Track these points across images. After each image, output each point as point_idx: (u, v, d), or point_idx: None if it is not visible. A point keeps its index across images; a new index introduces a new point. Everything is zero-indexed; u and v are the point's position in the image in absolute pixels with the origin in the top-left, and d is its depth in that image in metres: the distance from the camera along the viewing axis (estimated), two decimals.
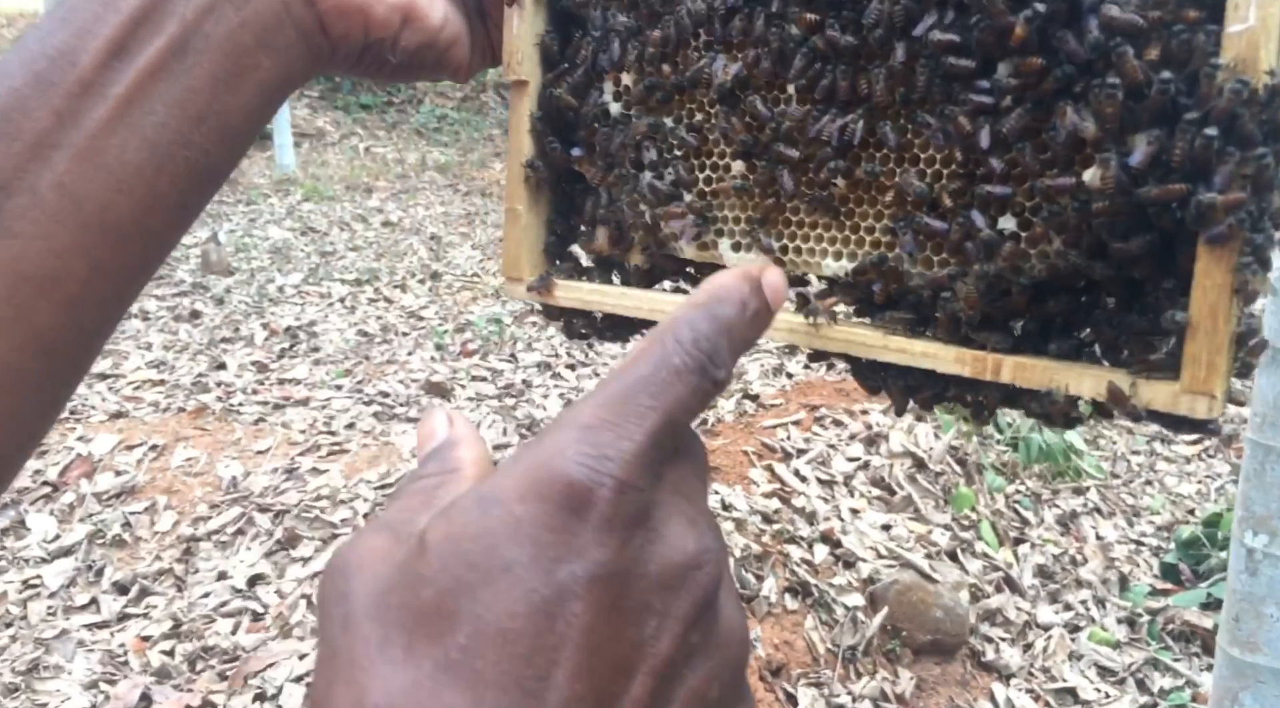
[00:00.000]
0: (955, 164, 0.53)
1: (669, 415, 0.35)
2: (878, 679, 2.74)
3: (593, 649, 0.31)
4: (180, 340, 4.97)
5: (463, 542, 0.32)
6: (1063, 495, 3.96)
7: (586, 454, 0.33)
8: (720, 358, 0.37)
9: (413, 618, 0.32)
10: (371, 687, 0.31)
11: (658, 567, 0.33)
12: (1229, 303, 0.44)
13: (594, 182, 0.65)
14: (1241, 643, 1.68)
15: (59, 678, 2.50)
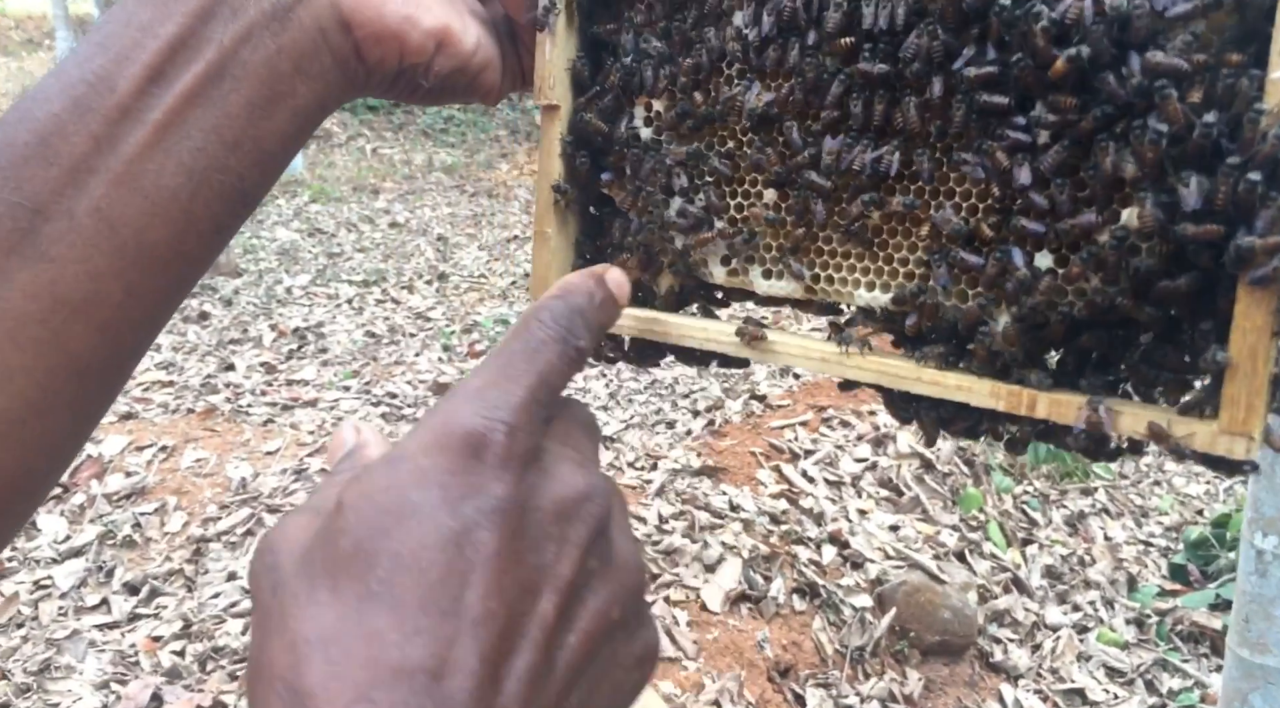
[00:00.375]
0: (992, 199, 0.53)
1: (543, 376, 0.41)
2: (886, 680, 2.75)
3: (500, 571, 0.35)
4: (189, 342, 4.99)
5: (375, 495, 0.36)
6: (1071, 496, 3.95)
7: (478, 408, 0.38)
8: (577, 331, 0.44)
9: (335, 565, 0.35)
10: (303, 626, 0.34)
11: (552, 500, 0.38)
12: (1269, 345, 0.44)
13: (623, 205, 0.65)
14: (1251, 644, 1.68)
15: (70, 678, 2.52)
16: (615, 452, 3.66)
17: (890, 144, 0.55)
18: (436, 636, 0.34)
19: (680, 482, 3.23)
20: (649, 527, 2.95)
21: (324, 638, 0.34)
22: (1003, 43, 0.50)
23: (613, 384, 4.66)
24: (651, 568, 2.79)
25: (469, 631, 0.34)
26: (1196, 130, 0.45)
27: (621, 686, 0.40)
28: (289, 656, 0.34)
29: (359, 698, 0.33)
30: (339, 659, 0.33)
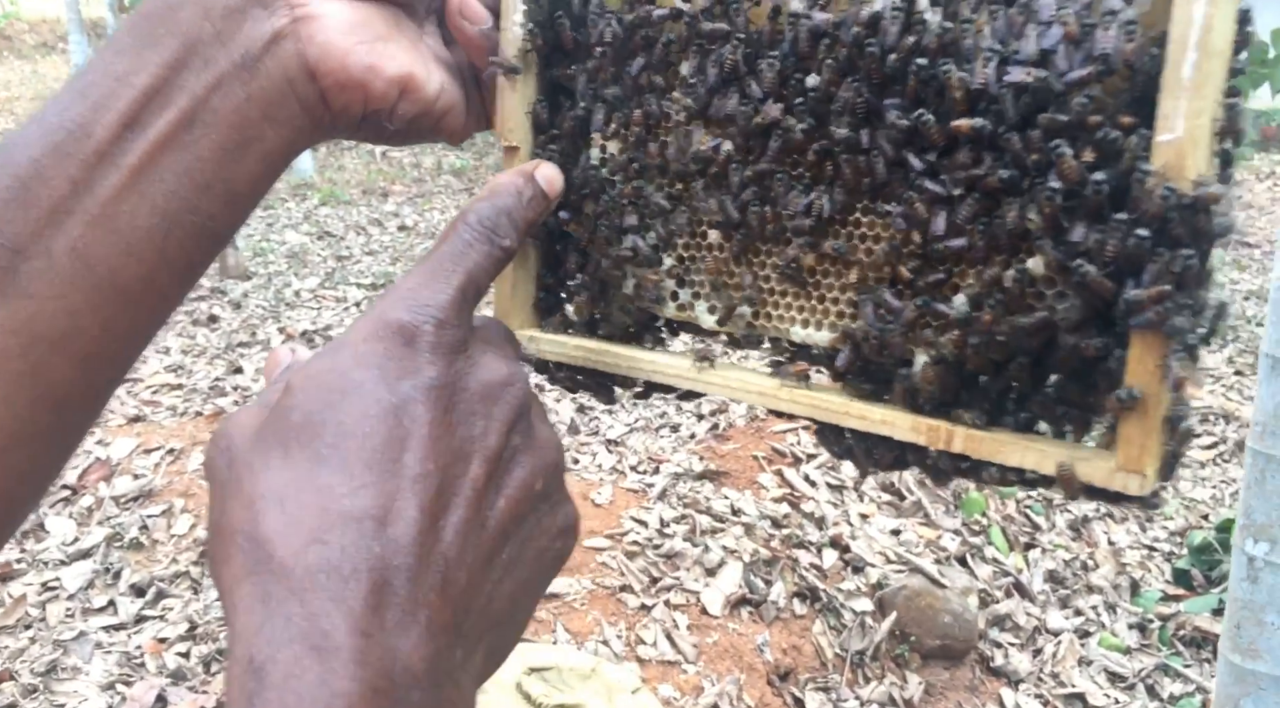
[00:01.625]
0: (914, 245, 0.55)
1: (469, 274, 0.45)
2: (886, 684, 2.76)
3: (435, 438, 0.40)
4: (198, 345, 5.02)
5: (319, 375, 0.41)
6: (1074, 501, 3.95)
7: (410, 305, 0.42)
8: (503, 230, 0.48)
9: (286, 435, 0.40)
10: (258, 487, 0.38)
11: (478, 383, 0.43)
12: (1159, 388, 0.47)
13: (582, 242, 0.67)
14: (1243, 650, 1.68)
15: (76, 679, 2.55)
16: (619, 455, 3.67)
17: (819, 189, 0.57)
18: (381, 489, 0.38)
19: (682, 486, 3.24)
20: (650, 530, 2.97)
21: (279, 494, 0.38)
22: (919, 101, 0.53)
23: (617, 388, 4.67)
24: (652, 571, 2.81)
25: (409, 487, 0.38)
26: (1088, 187, 0.48)
27: (545, 551, 0.45)
28: (247, 511, 0.38)
29: (313, 540, 0.37)
30: (293, 510, 0.37)
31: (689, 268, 0.64)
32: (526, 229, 0.51)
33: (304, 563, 0.36)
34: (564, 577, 2.73)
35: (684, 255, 0.65)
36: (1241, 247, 8.62)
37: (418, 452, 0.39)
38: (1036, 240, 0.50)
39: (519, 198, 0.50)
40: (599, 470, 3.52)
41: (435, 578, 0.38)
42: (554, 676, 2.11)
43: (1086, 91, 0.49)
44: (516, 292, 0.68)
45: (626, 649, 2.54)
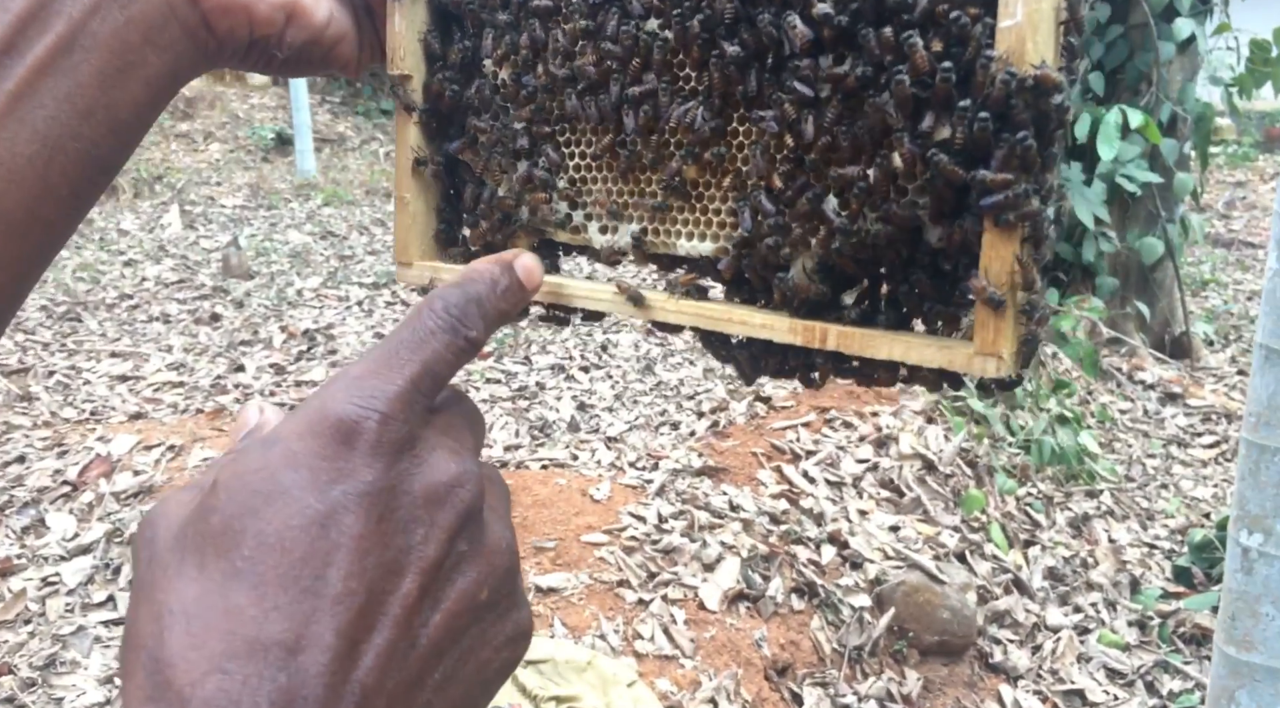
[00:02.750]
0: (787, 149, 0.56)
1: (426, 365, 0.42)
2: (884, 680, 2.75)
3: (364, 553, 0.37)
4: (200, 343, 5.04)
5: (245, 475, 0.37)
6: (1075, 498, 3.94)
7: (354, 397, 0.39)
8: (470, 321, 0.44)
9: (204, 541, 0.37)
10: (169, 599, 0.36)
11: (423, 485, 0.39)
12: (1012, 271, 0.49)
13: (476, 170, 0.68)
14: (1238, 642, 1.68)
15: (75, 673, 2.55)
16: (618, 451, 3.67)
17: (696, 100, 0.59)
18: (295, 612, 0.35)
19: (681, 482, 3.24)
20: (648, 526, 2.97)
21: (186, 611, 0.35)
22: (787, 4, 0.55)
23: (619, 386, 4.68)
24: (650, 566, 2.81)
25: (328, 608, 0.36)
26: (938, 75, 0.49)
27: (489, 663, 0.41)
28: (154, 625, 0.35)
29: (214, 669, 0.34)
30: (199, 632, 0.35)
31: (580, 191, 0.65)
32: (498, 320, 0.48)
33: (201, 694, 0.34)
34: (562, 572, 2.73)
35: (575, 178, 0.65)
36: (1245, 247, 8.59)
37: (342, 568, 0.36)
38: (895, 134, 0.51)
39: (493, 288, 0.47)
40: (598, 467, 3.52)
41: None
42: (549, 668, 2.12)
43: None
44: (415, 224, 0.69)
45: (624, 644, 2.54)
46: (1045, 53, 0.48)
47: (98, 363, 4.70)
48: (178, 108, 10.16)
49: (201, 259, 6.57)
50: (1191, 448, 4.72)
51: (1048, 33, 0.48)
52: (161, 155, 9.10)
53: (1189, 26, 5.42)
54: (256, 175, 9.01)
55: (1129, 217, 5.77)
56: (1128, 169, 5.43)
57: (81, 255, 6.53)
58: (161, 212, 7.82)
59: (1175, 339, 5.88)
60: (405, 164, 0.69)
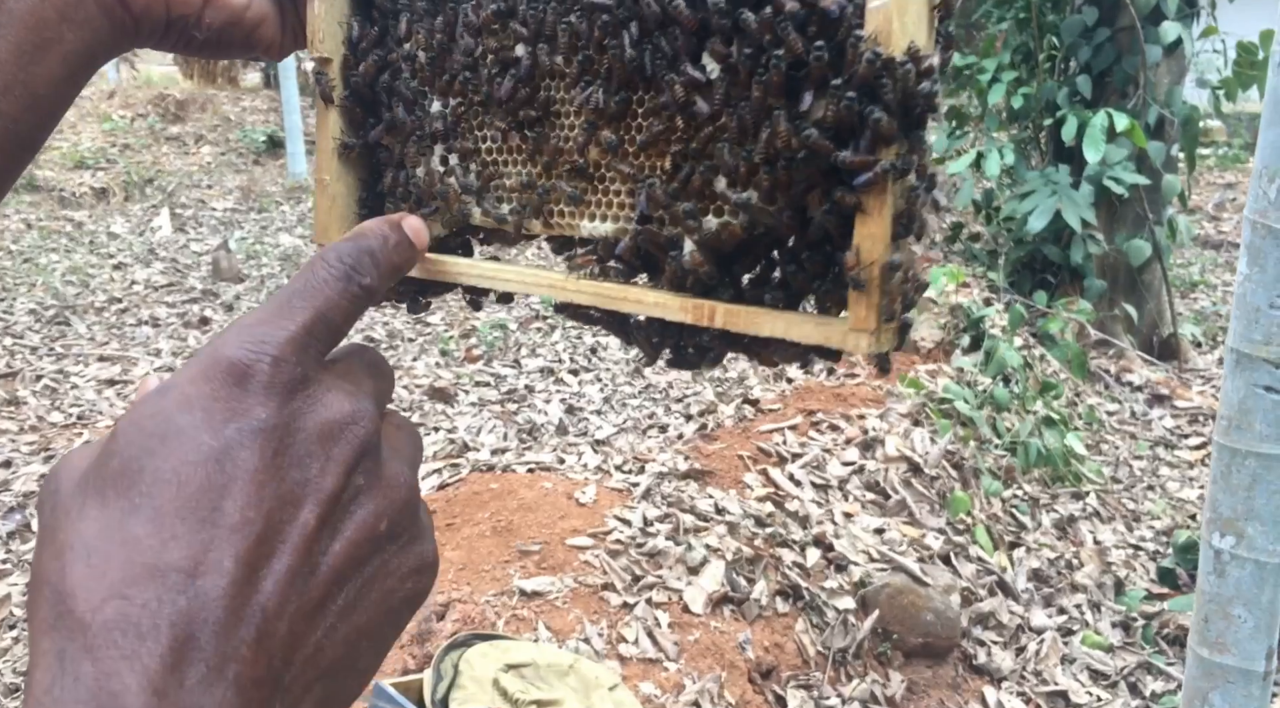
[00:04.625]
0: (680, 132, 0.57)
1: (319, 312, 0.42)
2: (868, 682, 2.76)
3: (260, 485, 0.37)
4: (189, 347, 5.03)
5: (142, 420, 0.38)
6: (1061, 500, 3.96)
7: (246, 342, 0.40)
8: (364, 269, 0.45)
9: (104, 482, 0.37)
10: (70, 537, 0.37)
11: (317, 422, 0.40)
12: (882, 249, 0.49)
13: (395, 154, 0.69)
14: (1211, 644, 1.69)
15: None
16: (604, 455, 3.68)
17: (597, 84, 0.60)
18: (192, 540, 0.36)
19: (667, 485, 3.25)
20: (634, 529, 2.98)
21: (87, 546, 0.36)
22: None
23: (607, 389, 4.69)
24: (635, 570, 2.82)
25: (225, 536, 0.36)
26: (811, 55, 0.50)
27: (393, 592, 0.42)
28: (56, 562, 0.36)
29: (113, 595, 0.35)
30: (98, 563, 0.35)
31: (491, 174, 0.66)
32: (390, 273, 0.48)
33: (101, 619, 0.34)
34: (547, 576, 2.73)
35: (486, 161, 0.66)
36: (1234, 249, 8.62)
37: (238, 499, 0.37)
38: (774, 112, 0.52)
39: (384, 241, 0.48)
40: (585, 470, 3.52)
41: (249, 631, 0.36)
42: (531, 672, 2.12)
43: None
44: (335, 206, 0.70)
45: (608, 647, 2.55)
46: (916, 35, 0.49)
47: (86, 367, 4.70)
48: (169, 111, 10.15)
49: (192, 262, 6.57)
50: (1178, 450, 4.74)
51: (918, 15, 0.49)
52: (152, 158, 9.09)
53: (1176, 30, 5.45)
54: (248, 178, 9.01)
55: (1117, 219, 5.79)
56: (1115, 171, 5.45)
57: (71, 259, 6.53)
58: (152, 215, 7.81)
59: (1163, 341, 5.91)
60: (326, 146, 0.70)
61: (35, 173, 7.98)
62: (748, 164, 0.54)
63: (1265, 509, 1.62)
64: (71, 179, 8.16)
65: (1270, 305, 1.59)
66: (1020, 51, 6.08)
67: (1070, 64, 5.87)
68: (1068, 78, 5.83)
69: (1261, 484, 1.62)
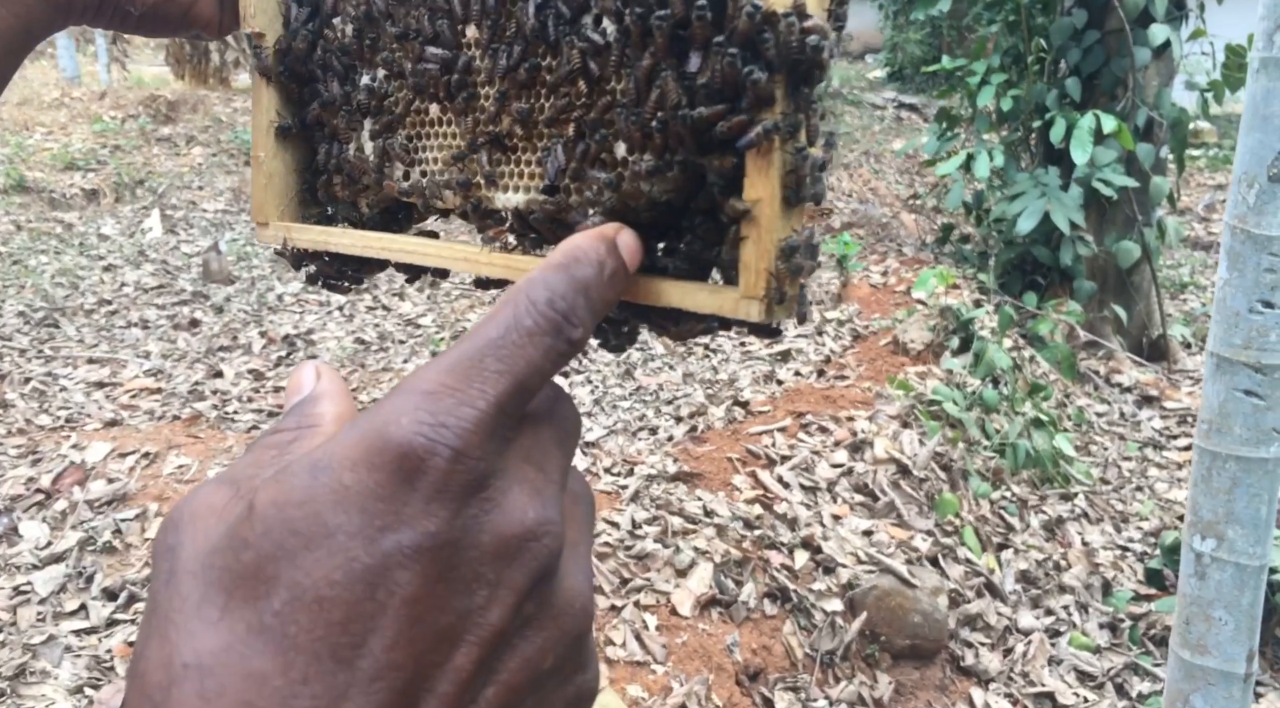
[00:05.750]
0: (582, 99, 0.56)
1: (518, 380, 0.34)
2: (856, 684, 2.77)
3: (414, 619, 0.31)
4: (178, 349, 5.02)
5: (287, 508, 0.32)
6: (1050, 502, 3.97)
7: (423, 422, 0.32)
8: (577, 317, 0.37)
9: (232, 580, 0.31)
10: (183, 645, 0.31)
11: (491, 537, 0.33)
12: (772, 212, 0.47)
13: (328, 129, 0.69)
14: (1192, 646, 1.70)
15: (45, 683, 2.55)
16: (593, 457, 3.68)
17: (503, 51, 0.59)
18: (326, 686, 0.30)
19: (655, 487, 3.25)
20: (622, 532, 2.98)
21: (202, 666, 0.30)
22: None
23: (598, 391, 4.69)
24: (623, 572, 2.82)
25: (365, 684, 0.30)
26: (693, 13, 0.49)
27: None
28: (163, 674, 0.31)
29: None
30: (212, 696, 0.30)
31: (417, 147, 0.65)
32: (601, 314, 0.40)
33: None
34: None
35: (412, 135, 0.66)
36: None
37: (387, 636, 0.30)
38: (662, 73, 0.51)
39: (599, 272, 0.39)
40: None
41: None
42: None
43: None
44: (272, 183, 0.69)
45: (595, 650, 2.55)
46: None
47: (74, 369, 4.69)
48: (160, 112, 10.13)
49: (182, 264, 6.55)
50: (1167, 451, 4.76)
51: None
52: (143, 159, 9.07)
53: (1164, 32, 5.47)
54: (239, 180, 8.98)
55: (1106, 221, 5.82)
56: (1104, 173, 5.47)
57: (60, 260, 6.51)
58: (142, 216, 7.79)
59: (1152, 342, 5.93)
60: (261, 123, 0.69)
61: (25, 174, 7.96)
62: (640, 128, 0.52)
63: (1245, 512, 1.63)
64: (62, 180, 8.14)
65: (1250, 310, 1.59)
66: (1010, 54, 6.10)
67: (1060, 66, 5.89)
68: (1057, 80, 5.85)
69: (1241, 487, 1.63)
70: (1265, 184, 1.54)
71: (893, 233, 7.24)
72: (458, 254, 0.61)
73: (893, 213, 7.96)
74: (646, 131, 0.52)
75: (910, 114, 13.07)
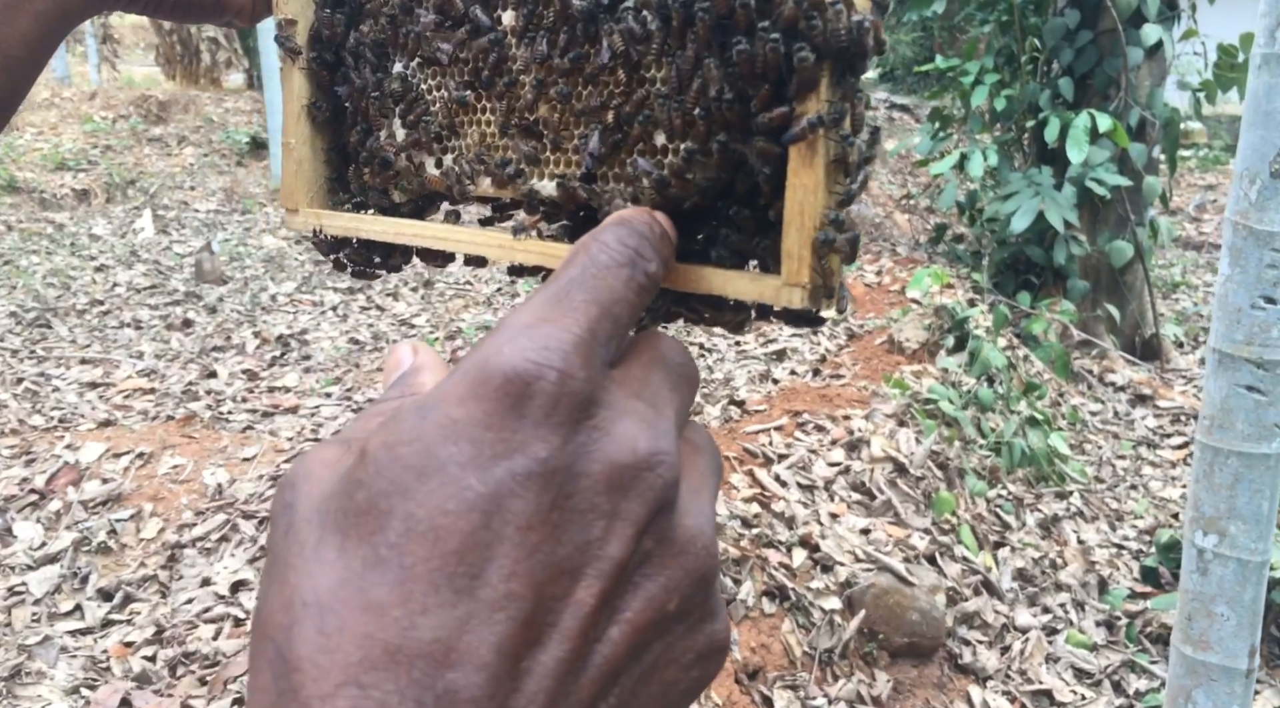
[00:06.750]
0: (622, 87, 0.56)
1: (604, 307, 0.35)
2: (854, 682, 2.77)
3: (531, 547, 0.30)
4: (172, 349, 5.00)
5: (398, 446, 0.31)
6: (1045, 500, 3.98)
7: (524, 348, 0.32)
8: (647, 253, 0.38)
9: (347, 520, 0.31)
10: (302, 585, 0.31)
11: (603, 465, 0.32)
12: (815, 201, 0.48)
13: (360, 116, 0.68)
14: (1194, 642, 1.71)
15: (40, 684, 2.53)
16: None
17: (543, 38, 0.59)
18: (445, 618, 0.29)
19: None
20: None
21: (321, 603, 0.30)
22: None
23: None
24: None
25: (485, 615, 0.30)
26: (738, 2, 0.49)
27: (674, 684, 0.34)
28: (284, 615, 0.31)
29: (348, 681, 0.29)
30: (333, 631, 0.30)
31: (449, 133, 0.65)
32: (666, 264, 0.41)
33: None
34: None
35: (443, 122, 0.66)
36: (1215, 250, 8.69)
37: (505, 565, 0.30)
38: (706, 60, 0.51)
39: (650, 228, 0.40)
40: None
41: None
42: None
43: None
44: (302, 170, 0.69)
45: None
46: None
47: (67, 370, 4.66)
48: (151, 112, 10.09)
49: (174, 264, 6.53)
50: (1161, 449, 4.78)
51: None
52: (134, 160, 9.03)
53: (1157, 32, 5.49)
54: (230, 180, 8.96)
55: (1099, 220, 5.83)
56: (1097, 173, 5.49)
57: (52, 260, 6.48)
58: (134, 216, 7.76)
59: (1145, 341, 5.95)
60: (292, 109, 0.69)
61: (16, 174, 7.92)
62: (682, 115, 0.52)
63: (1247, 508, 1.64)
64: (53, 181, 8.10)
65: (1251, 306, 1.60)
66: (1003, 54, 6.12)
67: (1053, 66, 5.91)
68: (1050, 80, 5.87)
69: (1243, 483, 1.63)
70: (1267, 180, 1.55)
71: (886, 233, 7.26)
72: (491, 240, 0.61)
73: (886, 213, 7.97)
74: (688, 119, 0.52)
75: (902, 115, 13.10)
